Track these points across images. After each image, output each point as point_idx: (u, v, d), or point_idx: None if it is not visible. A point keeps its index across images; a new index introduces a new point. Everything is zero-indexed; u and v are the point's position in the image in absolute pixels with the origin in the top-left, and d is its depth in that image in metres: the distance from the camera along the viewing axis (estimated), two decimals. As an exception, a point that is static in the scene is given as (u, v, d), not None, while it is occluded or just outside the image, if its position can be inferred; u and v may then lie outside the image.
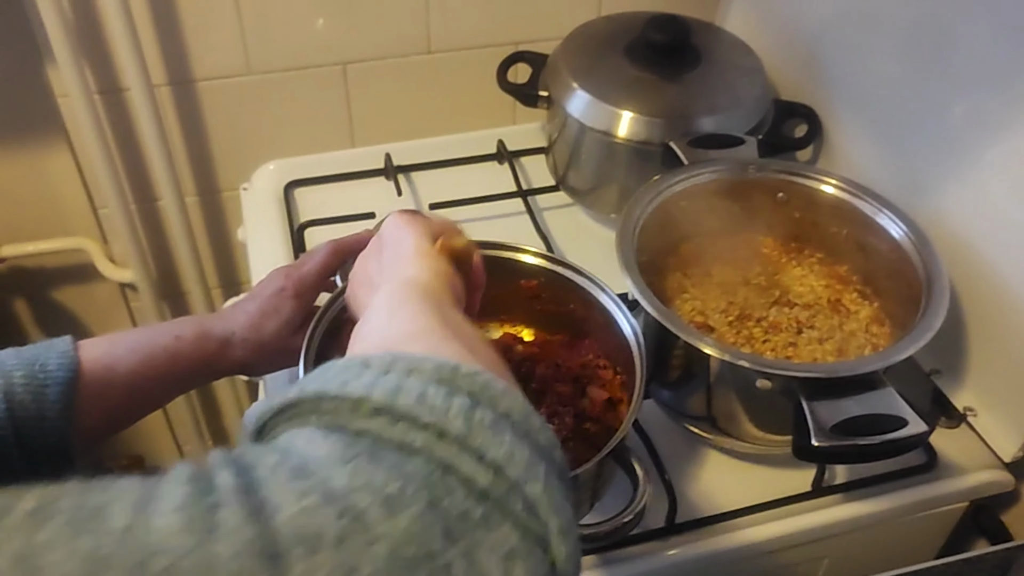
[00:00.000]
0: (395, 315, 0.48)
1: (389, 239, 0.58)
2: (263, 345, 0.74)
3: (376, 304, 0.50)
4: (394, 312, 0.48)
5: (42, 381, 0.65)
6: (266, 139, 1.15)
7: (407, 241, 0.57)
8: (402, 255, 0.56)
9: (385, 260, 0.58)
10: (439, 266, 0.55)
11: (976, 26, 0.79)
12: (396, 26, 1.11)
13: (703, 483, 0.81)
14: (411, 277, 0.53)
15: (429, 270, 0.54)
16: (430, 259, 0.55)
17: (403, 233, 0.58)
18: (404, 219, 0.59)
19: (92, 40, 1.03)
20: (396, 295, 0.50)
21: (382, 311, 0.49)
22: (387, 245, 0.58)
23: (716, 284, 0.86)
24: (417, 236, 0.57)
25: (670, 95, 0.97)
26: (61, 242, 1.20)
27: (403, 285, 0.52)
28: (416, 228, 0.58)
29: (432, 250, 0.56)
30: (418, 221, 0.59)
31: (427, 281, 0.52)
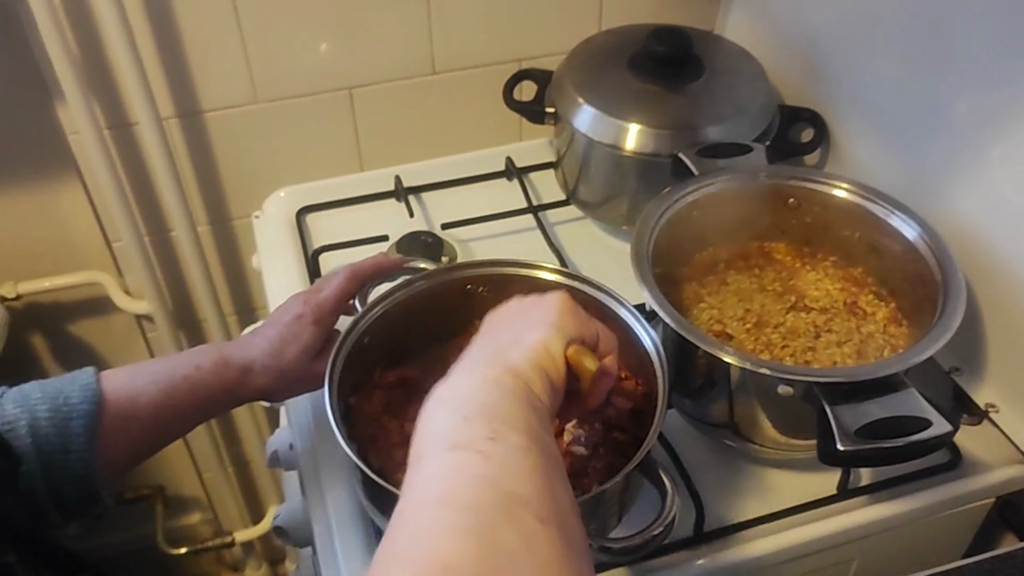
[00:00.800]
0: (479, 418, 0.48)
1: (542, 309, 0.60)
2: (283, 371, 0.75)
3: (473, 380, 0.52)
4: (483, 411, 0.49)
5: (66, 414, 0.66)
6: (276, 166, 1.16)
7: (544, 326, 0.58)
8: (530, 335, 0.57)
9: (518, 325, 0.59)
10: (556, 369, 0.56)
11: (976, 24, 0.80)
12: (400, 48, 1.12)
13: (729, 491, 0.81)
14: (519, 366, 0.54)
15: (541, 369, 0.55)
16: (551, 356, 0.56)
17: (552, 316, 0.59)
18: (565, 304, 0.61)
19: (100, 76, 1.04)
20: (494, 384, 0.51)
21: (473, 402, 0.50)
22: (534, 311, 0.60)
23: (732, 292, 0.86)
24: (557, 328, 0.58)
25: (676, 106, 0.98)
26: (76, 276, 1.21)
27: (509, 373, 0.52)
28: (565, 319, 0.59)
29: (558, 350, 0.57)
30: (572, 316, 0.60)
31: (531, 380, 0.53)
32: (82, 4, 0.98)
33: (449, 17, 1.11)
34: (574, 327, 0.59)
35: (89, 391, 0.67)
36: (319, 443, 0.84)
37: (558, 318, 0.59)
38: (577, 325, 0.60)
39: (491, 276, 0.81)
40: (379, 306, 0.77)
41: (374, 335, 0.77)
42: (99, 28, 1.00)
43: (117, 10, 0.97)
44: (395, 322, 0.79)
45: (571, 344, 0.59)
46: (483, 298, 0.82)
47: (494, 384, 0.51)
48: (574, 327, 0.59)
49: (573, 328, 0.59)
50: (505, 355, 0.55)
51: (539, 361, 0.55)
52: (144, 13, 1.01)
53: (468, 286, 0.81)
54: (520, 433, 0.48)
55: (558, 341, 0.57)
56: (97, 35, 1.01)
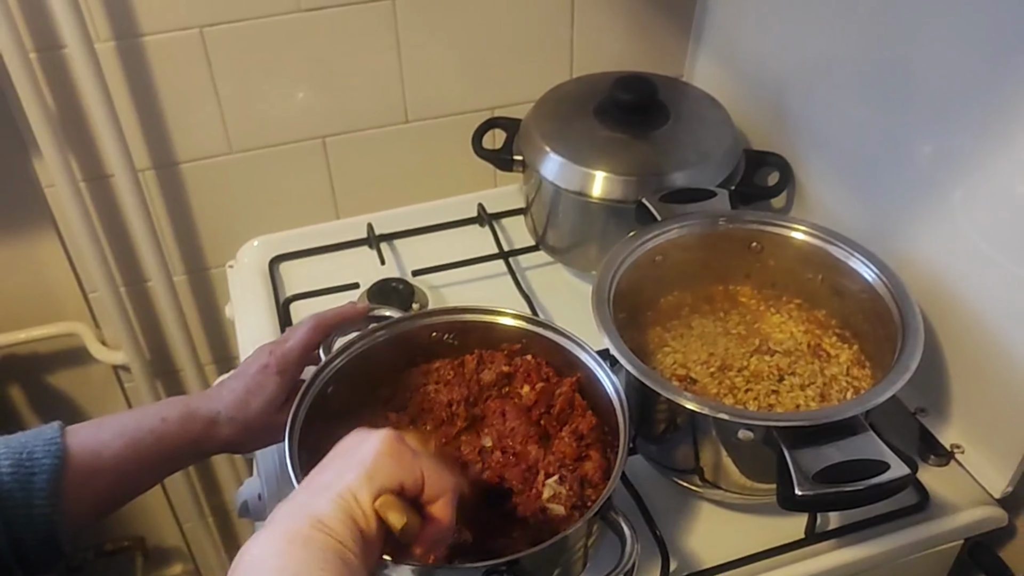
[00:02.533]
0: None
1: (358, 451, 0.57)
2: (248, 423, 0.75)
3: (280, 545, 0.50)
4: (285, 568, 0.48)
5: (29, 469, 0.66)
6: (250, 216, 1.17)
7: (354, 472, 0.55)
8: (339, 482, 0.54)
9: (335, 466, 0.56)
10: (365, 519, 0.53)
11: (936, 68, 0.81)
12: (373, 98, 1.14)
13: (695, 536, 0.81)
14: (322, 517, 0.52)
15: (346, 520, 0.52)
16: (357, 507, 0.53)
17: (363, 460, 0.55)
18: (383, 446, 0.57)
19: (76, 129, 1.06)
20: (302, 545, 0.49)
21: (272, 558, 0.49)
22: (349, 455, 0.57)
23: (696, 336, 0.87)
24: (366, 475, 0.54)
25: (641, 153, 0.99)
26: (53, 328, 1.21)
27: (310, 525, 0.51)
28: (377, 464, 0.55)
29: (366, 500, 0.54)
30: (388, 461, 0.56)
31: (336, 532, 0.51)
32: (58, 58, 1.00)
33: (421, 66, 1.13)
34: (389, 473, 0.55)
35: (53, 446, 0.67)
36: (286, 493, 0.83)
37: (372, 463, 0.55)
38: (394, 470, 0.56)
39: (455, 323, 0.81)
40: (342, 355, 0.77)
41: (338, 384, 0.77)
42: (75, 82, 1.01)
43: (92, 64, 0.98)
44: (360, 371, 0.79)
45: (382, 493, 0.55)
46: (449, 345, 0.82)
47: (303, 543, 0.50)
48: (389, 473, 0.55)
49: (387, 474, 0.55)
50: (313, 506, 0.53)
51: (347, 510, 0.53)
52: (119, 67, 1.03)
53: (433, 333, 0.82)
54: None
55: (366, 489, 0.54)
56: (73, 89, 1.02)
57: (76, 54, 0.97)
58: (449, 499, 0.58)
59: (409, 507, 0.56)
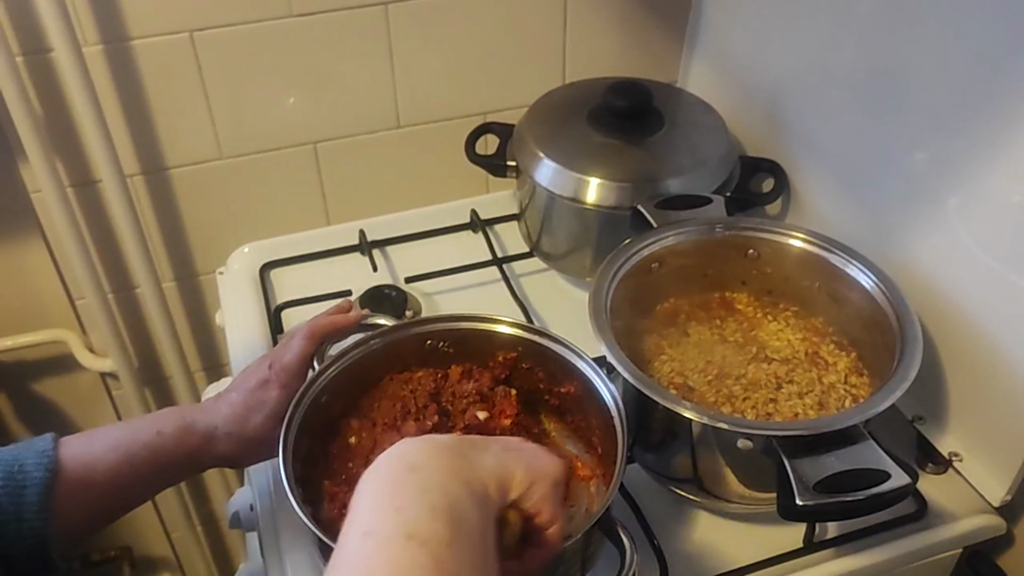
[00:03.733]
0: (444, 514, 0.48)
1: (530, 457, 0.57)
2: (247, 438, 0.74)
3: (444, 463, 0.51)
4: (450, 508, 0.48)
5: (20, 482, 0.64)
6: (241, 222, 1.16)
7: (517, 469, 0.55)
8: (505, 457, 0.55)
9: (504, 444, 0.57)
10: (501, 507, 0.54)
11: (930, 74, 0.81)
12: (364, 103, 1.13)
13: (694, 546, 0.80)
14: (482, 476, 0.53)
15: (501, 485, 0.53)
16: (503, 494, 0.54)
17: (529, 463, 0.56)
18: (547, 473, 0.57)
19: (63, 134, 1.04)
20: (464, 482, 0.51)
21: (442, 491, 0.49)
22: (521, 451, 0.58)
23: (693, 344, 0.86)
24: (523, 480, 0.55)
25: (636, 159, 0.99)
26: (39, 335, 1.20)
27: (473, 473, 0.52)
28: (532, 479, 0.56)
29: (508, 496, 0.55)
30: (543, 487, 0.56)
31: (489, 493, 0.52)
32: (45, 62, 0.99)
33: (413, 71, 1.12)
34: (542, 496, 0.56)
35: (45, 458, 0.66)
36: (279, 504, 0.83)
37: (541, 477, 0.56)
38: (546, 496, 0.56)
39: (450, 331, 0.81)
40: (336, 364, 0.77)
41: (332, 394, 0.76)
42: (62, 86, 1.00)
43: (80, 68, 0.97)
44: (354, 380, 0.78)
45: (518, 503, 0.56)
46: (443, 353, 0.82)
47: (463, 483, 0.51)
48: (542, 496, 0.56)
49: (540, 495, 0.56)
50: (477, 459, 0.54)
51: (501, 486, 0.54)
52: (107, 71, 1.02)
53: (428, 341, 0.81)
54: (475, 546, 0.48)
55: (521, 488, 0.55)
56: (60, 93, 1.01)
57: (63, 58, 0.96)
58: (560, 527, 0.59)
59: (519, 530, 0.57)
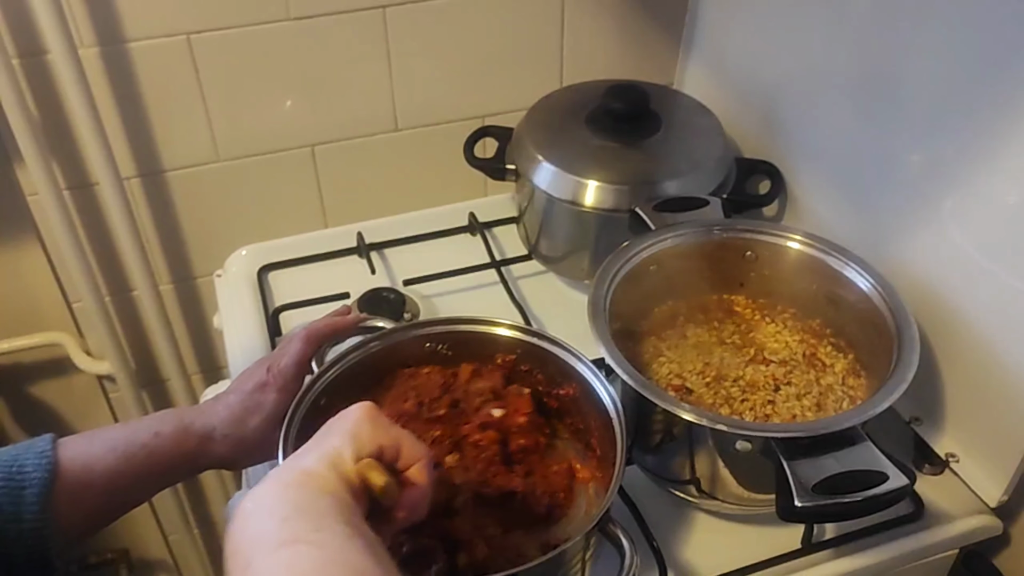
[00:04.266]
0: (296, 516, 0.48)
1: (334, 425, 0.59)
2: (244, 440, 0.74)
3: (274, 488, 0.51)
4: (298, 510, 0.49)
5: (19, 482, 0.64)
6: (238, 224, 1.16)
7: (335, 437, 0.57)
8: (320, 446, 0.56)
9: (316, 440, 0.58)
10: (350, 472, 0.55)
11: (924, 78, 0.82)
12: (362, 106, 1.13)
13: (692, 547, 0.81)
14: (313, 468, 0.53)
15: (335, 469, 0.54)
16: (340, 465, 0.55)
17: (343, 427, 0.57)
18: (361, 414, 0.59)
19: (59, 137, 1.04)
20: (296, 487, 0.51)
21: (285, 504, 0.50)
22: (331, 426, 0.59)
23: (691, 346, 0.86)
24: (347, 438, 0.56)
25: (633, 162, 0.99)
26: (36, 338, 1.20)
27: (303, 475, 0.53)
28: (357, 428, 0.57)
29: (348, 460, 0.55)
30: (366, 427, 0.58)
31: (325, 477, 0.53)
32: (41, 64, 0.98)
33: (411, 75, 1.12)
34: (369, 437, 0.57)
35: (44, 459, 0.66)
36: (277, 507, 0.82)
37: (353, 427, 0.57)
38: (373, 434, 0.58)
39: (449, 334, 0.81)
40: (335, 367, 0.76)
41: (331, 396, 0.76)
42: (59, 89, 1.00)
43: (76, 71, 0.97)
44: (353, 382, 0.78)
45: (363, 456, 0.57)
46: (443, 356, 0.82)
47: (297, 487, 0.52)
48: (369, 437, 0.57)
49: (368, 436, 0.57)
50: (301, 463, 0.55)
51: (333, 463, 0.55)
52: (104, 73, 1.01)
53: (427, 344, 0.81)
54: (341, 522, 0.49)
55: (349, 449, 0.56)
56: (57, 95, 1.01)
57: (60, 60, 0.96)
58: (425, 464, 0.60)
59: (388, 472, 0.58)
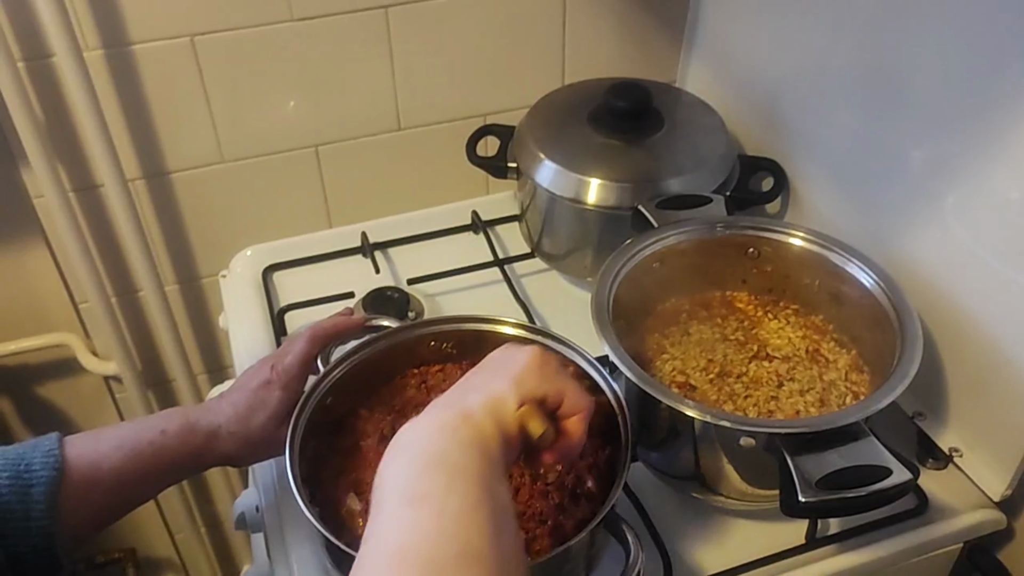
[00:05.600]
0: (436, 468, 0.51)
1: (505, 362, 0.61)
2: (250, 437, 0.75)
3: (432, 428, 0.54)
4: (441, 461, 0.51)
5: (27, 481, 0.65)
6: (243, 225, 1.17)
7: (503, 378, 0.59)
8: (488, 388, 0.58)
9: (484, 376, 0.61)
10: (508, 423, 0.57)
11: (927, 73, 0.82)
12: (365, 106, 1.13)
13: (696, 543, 0.81)
14: (475, 415, 0.55)
15: (494, 420, 0.56)
16: (504, 410, 0.57)
17: (511, 370, 0.60)
18: (530, 359, 0.61)
19: (64, 139, 1.04)
20: (452, 432, 0.53)
21: (432, 451, 0.52)
22: (498, 365, 0.61)
23: (695, 342, 0.87)
24: (515, 383, 0.59)
25: (636, 159, 0.99)
26: (43, 339, 1.20)
27: (463, 421, 0.54)
28: (524, 374, 0.59)
29: (511, 405, 0.58)
30: (535, 373, 0.60)
31: (483, 427, 0.55)
32: (46, 67, 0.99)
33: (413, 74, 1.13)
34: (535, 384, 0.60)
35: (51, 457, 0.67)
36: (284, 505, 0.83)
37: (520, 372, 0.60)
38: (540, 383, 0.60)
39: (453, 332, 0.81)
40: (341, 366, 0.77)
41: (337, 395, 0.77)
42: (64, 91, 1.01)
43: (81, 73, 0.97)
44: (359, 381, 0.78)
45: (527, 402, 0.59)
46: (447, 354, 0.82)
47: (452, 432, 0.53)
48: (535, 384, 0.60)
49: (534, 385, 0.59)
50: (464, 402, 0.57)
51: (494, 411, 0.57)
52: (109, 76, 1.02)
53: (432, 343, 0.82)
54: (473, 484, 0.50)
55: (513, 395, 0.58)
56: (62, 98, 1.01)
57: (64, 63, 0.96)
58: (584, 416, 0.62)
59: (547, 418, 0.60)
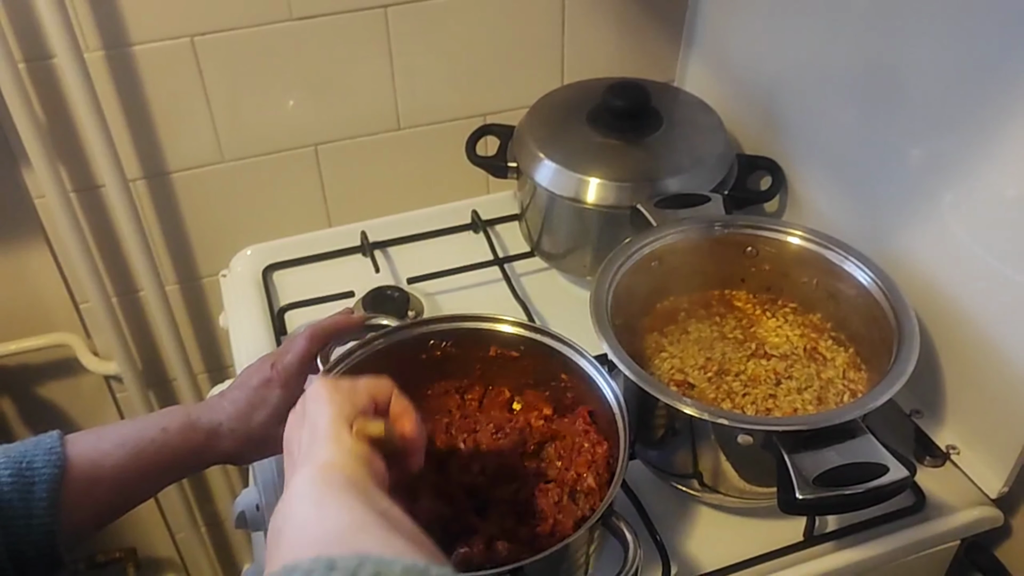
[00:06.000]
0: (323, 506, 0.48)
1: (310, 411, 0.59)
2: (250, 435, 0.75)
3: (297, 491, 0.50)
4: (321, 503, 0.48)
5: (29, 479, 0.65)
6: (243, 224, 1.17)
7: (323, 420, 0.57)
8: (318, 435, 0.56)
9: (304, 435, 0.58)
10: (357, 448, 0.55)
11: (925, 71, 0.82)
12: (365, 105, 1.14)
13: (695, 541, 0.81)
14: (328, 461, 0.53)
15: (346, 454, 0.54)
16: (345, 442, 0.55)
17: (321, 409, 0.58)
18: (325, 392, 0.59)
19: (66, 140, 1.05)
20: (317, 482, 0.50)
21: (306, 501, 0.49)
22: (308, 417, 0.59)
23: (693, 341, 0.87)
24: (332, 417, 0.57)
25: (635, 159, 1.00)
26: (44, 339, 1.20)
27: (321, 470, 0.52)
28: (333, 406, 0.57)
29: (346, 435, 0.56)
30: (337, 396, 0.58)
31: (344, 465, 0.53)
32: (47, 68, 0.99)
33: (413, 73, 1.13)
34: (348, 403, 0.58)
35: (53, 455, 0.67)
36: (285, 503, 0.83)
37: (330, 403, 0.58)
38: (349, 398, 0.59)
39: (453, 331, 0.81)
40: (341, 365, 0.77)
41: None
42: (64, 92, 1.01)
43: (82, 74, 0.98)
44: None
45: (356, 418, 0.58)
46: (448, 353, 0.82)
47: (324, 483, 0.50)
48: (348, 403, 0.58)
49: (348, 404, 0.58)
50: (312, 457, 0.55)
51: (341, 447, 0.55)
52: (109, 76, 1.02)
53: (431, 341, 0.82)
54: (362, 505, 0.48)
55: (341, 424, 0.56)
56: (63, 99, 1.02)
57: (65, 64, 0.97)
58: (407, 407, 0.62)
59: (379, 419, 0.59)
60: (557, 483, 0.75)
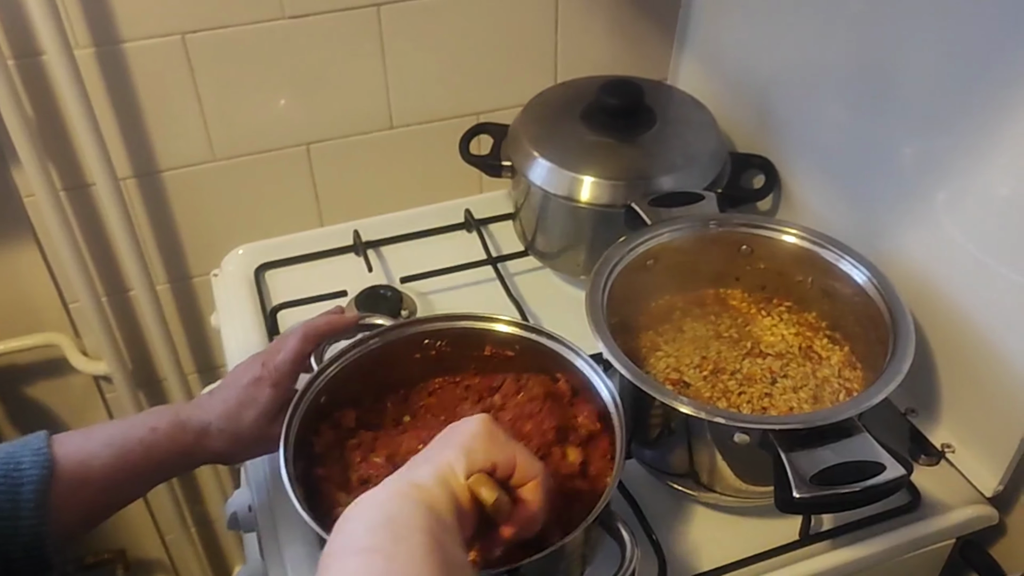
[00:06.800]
0: (383, 526, 0.50)
1: (451, 437, 0.60)
2: (240, 434, 0.74)
3: (380, 496, 0.53)
4: (388, 520, 0.50)
5: (16, 480, 0.65)
6: (234, 224, 1.16)
7: (449, 451, 0.58)
8: (433, 460, 0.57)
9: (434, 449, 0.59)
10: (459, 489, 0.56)
11: (918, 70, 0.82)
12: (357, 104, 1.13)
13: (691, 540, 0.81)
14: (423, 482, 0.55)
15: (443, 486, 0.55)
16: (452, 481, 0.56)
17: (457, 441, 0.59)
18: (476, 430, 0.59)
19: (55, 138, 1.04)
20: (400, 497, 0.52)
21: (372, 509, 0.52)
22: (445, 438, 0.60)
23: (688, 340, 0.87)
24: (464, 452, 0.57)
25: (628, 157, 0.99)
26: (32, 339, 1.19)
27: (410, 485, 0.54)
28: (473, 444, 0.58)
29: (459, 476, 0.57)
30: (478, 444, 0.58)
31: (432, 492, 0.54)
32: (36, 66, 0.98)
33: (405, 72, 1.12)
34: (484, 452, 0.58)
35: (40, 456, 0.66)
36: (277, 504, 0.83)
37: (468, 441, 0.59)
38: (488, 450, 0.59)
39: (448, 330, 0.81)
40: (335, 365, 0.77)
41: (331, 394, 0.77)
42: (54, 90, 1.00)
43: (72, 71, 0.97)
44: (352, 380, 0.78)
45: (477, 471, 0.58)
46: (441, 352, 0.82)
47: (400, 497, 0.53)
48: (484, 452, 0.58)
49: (482, 453, 0.58)
50: (414, 474, 0.56)
51: (444, 480, 0.56)
52: (100, 74, 1.01)
53: (426, 341, 0.81)
54: (423, 534, 0.50)
55: (461, 464, 0.57)
56: (52, 98, 1.01)
57: (55, 61, 0.96)
58: (539, 483, 0.61)
59: (499, 487, 0.58)
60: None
